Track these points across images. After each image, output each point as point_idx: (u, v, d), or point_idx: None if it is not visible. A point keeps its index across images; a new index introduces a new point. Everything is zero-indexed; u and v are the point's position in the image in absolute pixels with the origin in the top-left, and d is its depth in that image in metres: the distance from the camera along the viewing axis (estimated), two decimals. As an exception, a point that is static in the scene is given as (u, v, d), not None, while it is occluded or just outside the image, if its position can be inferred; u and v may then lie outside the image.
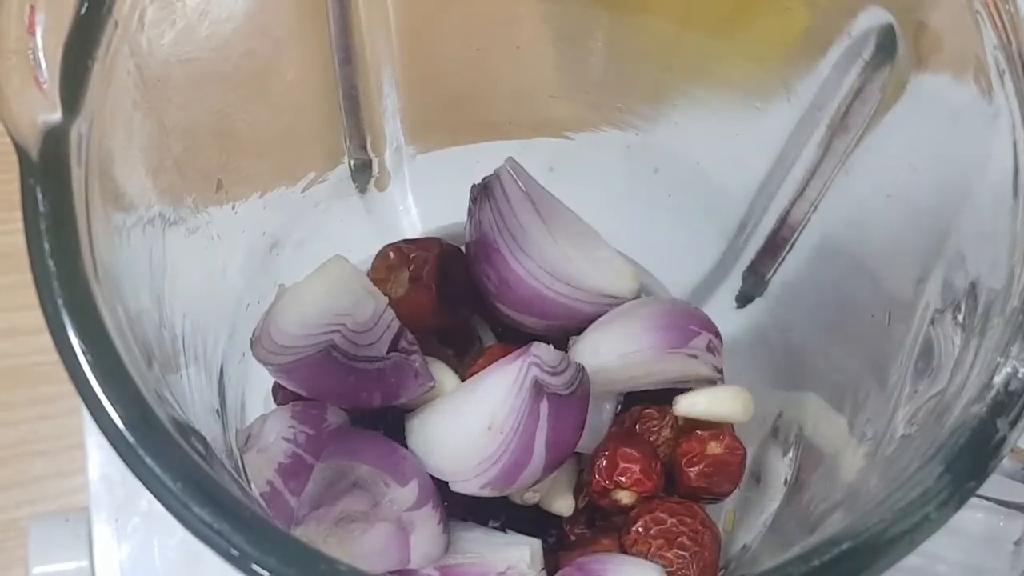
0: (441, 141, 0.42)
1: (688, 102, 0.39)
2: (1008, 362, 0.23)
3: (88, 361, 0.22)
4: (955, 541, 0.33)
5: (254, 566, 0.20)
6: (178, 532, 0.21)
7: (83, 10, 0.24)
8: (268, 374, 0.35)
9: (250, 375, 0.37)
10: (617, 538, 0.35)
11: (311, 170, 0.39)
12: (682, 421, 0.37)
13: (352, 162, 0.41)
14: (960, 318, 0.26)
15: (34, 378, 0.49)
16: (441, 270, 0.37)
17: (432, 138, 0.42)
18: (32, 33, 0.23)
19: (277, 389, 0.38)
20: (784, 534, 0.34)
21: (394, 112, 0.40)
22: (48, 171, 0.23)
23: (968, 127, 0.27)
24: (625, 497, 0.35)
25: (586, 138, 0.41)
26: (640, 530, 0.35)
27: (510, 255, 0.36)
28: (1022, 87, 0.25)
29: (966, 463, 0.22)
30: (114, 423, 0.21)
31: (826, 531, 0.23)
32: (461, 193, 0.38)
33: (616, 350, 0.36)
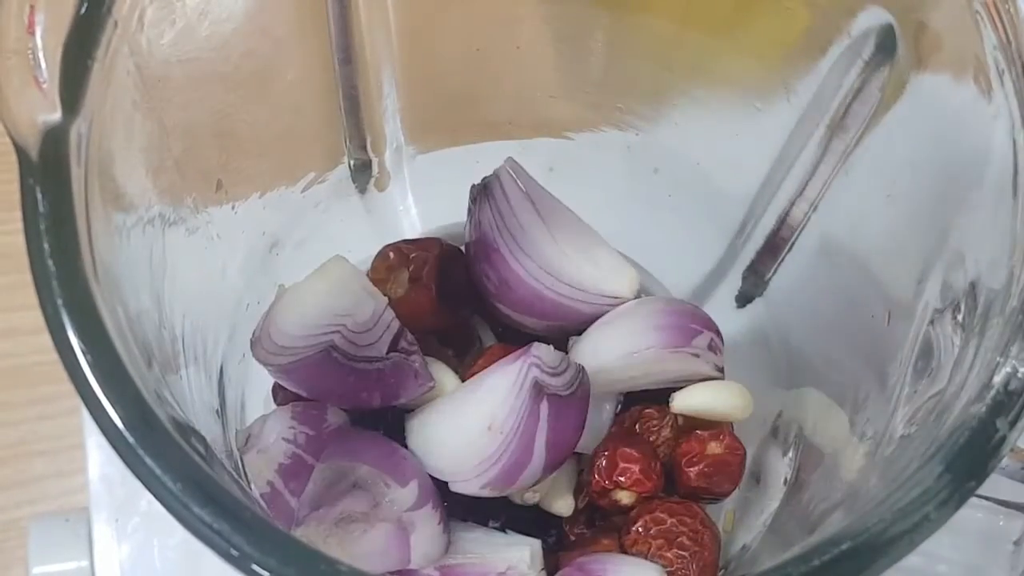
0: (441, 141, 0.42)
1: (688, 102, 0.39)
2: (1008, 362, 0.23)
3: (88, 361, 0.22)
4: (955, 541, 0.33)
5: (254, 566, 0.20)
6: (178, 532, 0.21)
7: (83, 10, 0.24)
8: (268, 374, 0.35)
9: (250, 375, 0.37)
10: (617, 538, 0.35)
11: (311, 170, 0.39)
12: (682, 421, 0.37)
13: (352, 162, 0.41)
14: (960, 318, 0.26)
15: (34, 378, 0.49)
16: (441, 270, 0.37)
17: (432, 138, 0.42)
18: (32, 33, 0.23)
19: (277, 389, 0.38)
20: (784, 534, 0.34)
21: (394, 112, 0.40)
22: (48, 171, 0.23)
23: (968, 127, 0.27)
24: (625, 497, 0.35)
25: (586, 138, 0.41)
26: (640, 530, 0.35)
27: (510, 255, 0.36)
28: (1022, 87, 0.25)
29: (966, 463, 0.22)
30: (114, 423, 0.21)
31: (826, 531, 0.23)
32: (461, 193, 0.37)
33: (616, 350, 0.36)
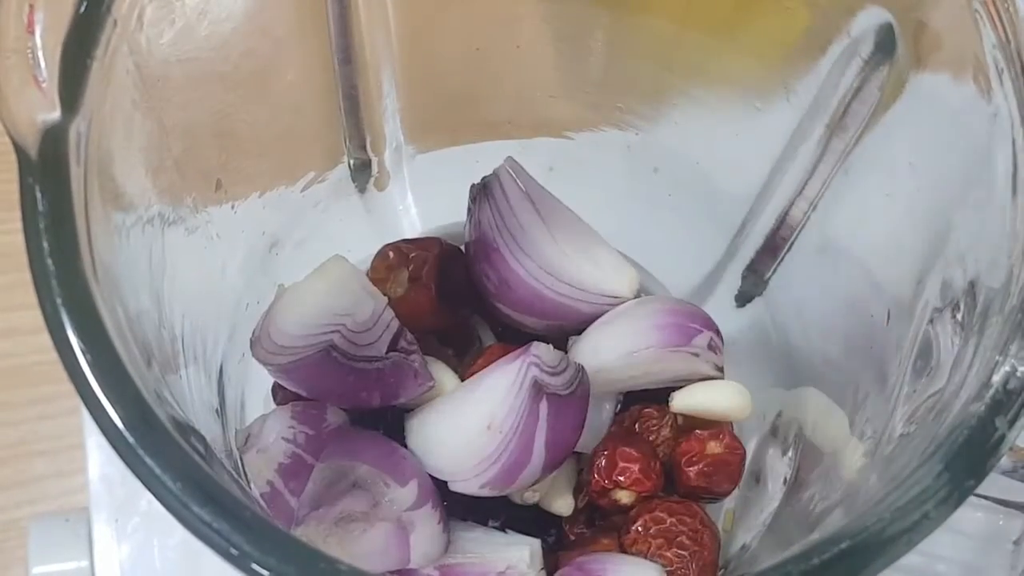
0: (441, 141, 0.42)
1: (688, 102, 0.39)
2: (1007, 361, 0.23)
3: (87, 361, 0.22)
4: (954, 540, 0.33)
5: (254, 566, 0.20)
6: (178, 532, 0.21)
7: (82, 9, 0.24)
8: (268, 374, 0.35)
9: (250, 375, 0.37)
10: (617, 538, 0.35)
11: (311, 170, 0.39)
12: (681, 420, 0.37)
13: (352, 162, 0.41)
14: (959, 317, 0.26)
15: (34, 378, 0.49)
16: (441, 270, 0.37)
17: (432, 138, 0.42)
18: (31, 32, 0.23)
19: (277, 389, 0.38)
20: (783, 533, 0.34)
21: (394, 112, 0.40)
22: (47, 170, 0.23)
23: (967, 127, 0.27)
24: (624, 497, 0.35)
25: (586, 138, 0.41)
26: (640, 529, 0.35)
27: (510, 255, 0.36)
28: (1021, 87, 0.25)
29: (965, 462, 0.22)
30: (114, 423, 0.21)
31: (825, 530, 0.23)
32: (461, 193, 0.37)
33: (616, 350, 0.36)
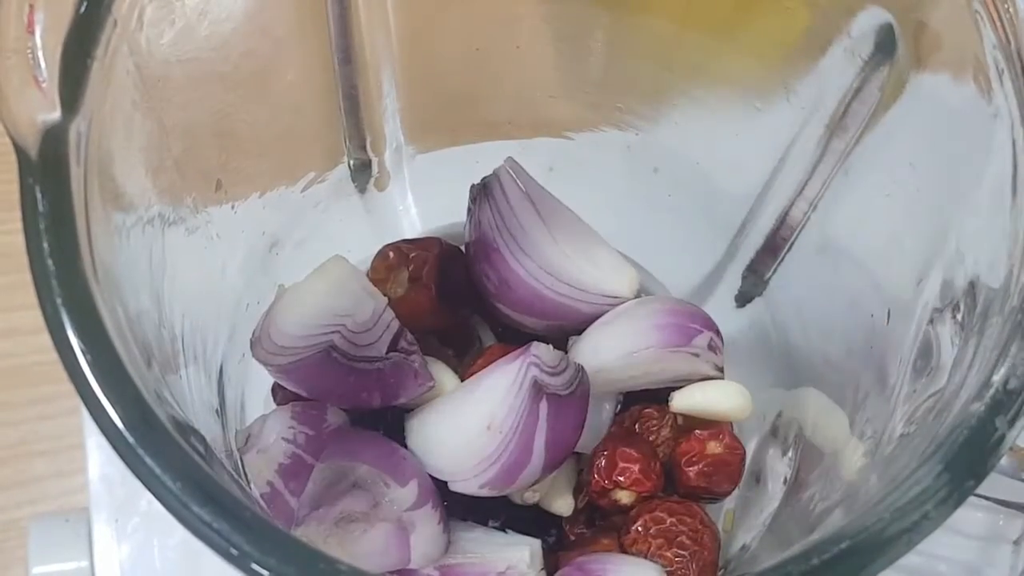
0: (441, 141, 0.42)
1: (688, 102, 0.39)
2: (1007, 361, 0.23)
3: (87, 361, 0.22)
4: (954, 540, 0.33)
5: (254, 566, 0.20)
6: (178, 532, 0.21)
7: (82, 9, 0.24)
8: (268, 374, 0.35)
9: (250, 375, 0.37)
10: (617, 538, 0.35)
11: (311, 170, 0.39)
12: (681, 420, 0.37)
13: (352, 162, 0.41)
14: (959, 317, 0.26)
15: (34, 378, 0.49)
16: (441, 270, 0.37)
17: (432, 138, 0.42)
18: (31, 32, 0.23)
19: (277, 389, 0.38)
20: (783, 533, 0.34)
21: (394, 112, 0.40)
22: (47, 170, 0.23)
23: (967, 127, 0.27)
24: (624, 497, 0.35)
25: (586, 138, 0.41)
26: (640, 529, 0.35)
27: (510, 255, 0.36)
28: (1021, 87, 0.25)
29: (965, 462, 0.22)
30: (114, 423, 0.21)
31: (825, 530, 0.23)
32: (461, 193, 0.37)
33: (616, 350, 0.36)
